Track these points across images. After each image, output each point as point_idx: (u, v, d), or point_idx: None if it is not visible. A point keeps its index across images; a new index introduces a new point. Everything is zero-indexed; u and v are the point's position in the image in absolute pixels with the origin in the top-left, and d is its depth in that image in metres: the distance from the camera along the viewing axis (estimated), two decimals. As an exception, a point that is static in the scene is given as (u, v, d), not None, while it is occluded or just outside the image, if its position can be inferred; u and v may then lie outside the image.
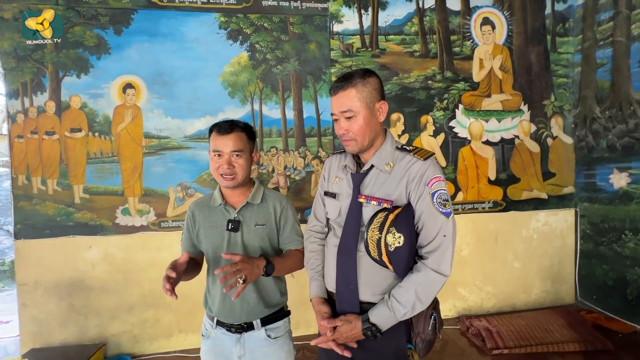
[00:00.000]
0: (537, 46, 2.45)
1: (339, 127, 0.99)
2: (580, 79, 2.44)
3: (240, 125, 1.12)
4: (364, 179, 1.00)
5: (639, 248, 2.09)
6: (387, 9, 2.27)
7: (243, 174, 1.10)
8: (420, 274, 0.90)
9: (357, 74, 0.96)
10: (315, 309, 1.05)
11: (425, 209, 0.92)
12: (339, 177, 1.07)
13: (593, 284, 2.40)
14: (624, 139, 2.18)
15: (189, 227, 1.18)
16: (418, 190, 0.93)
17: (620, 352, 1.88)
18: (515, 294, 2.49)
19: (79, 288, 2.02)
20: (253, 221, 1.12)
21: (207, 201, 1.17)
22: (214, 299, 1.13)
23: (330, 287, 1.06)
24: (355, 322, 0.93)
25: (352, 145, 0.98)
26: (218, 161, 1.08)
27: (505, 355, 1.91)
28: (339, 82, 0.97)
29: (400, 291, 0.91)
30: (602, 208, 2.32)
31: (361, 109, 0.95)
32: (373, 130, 0.98)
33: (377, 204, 0.94)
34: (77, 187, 2.00)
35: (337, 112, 0.98)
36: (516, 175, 2.44)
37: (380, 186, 0.97)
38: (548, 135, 2.48)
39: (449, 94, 2.35)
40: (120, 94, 2.03)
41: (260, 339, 1.12)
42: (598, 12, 2.31)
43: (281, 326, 1.16)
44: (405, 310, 0.90)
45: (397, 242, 0.88)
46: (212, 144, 1.09)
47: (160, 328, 2.11)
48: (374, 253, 0.92)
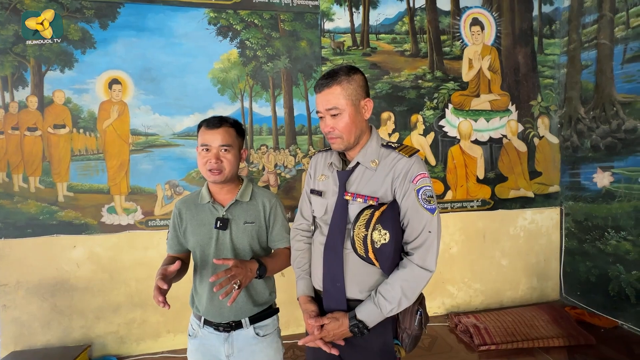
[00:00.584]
0: (524, 47, 2.49)
1: (324, 124, 0.98)
2: (565, 80, 2.49)
3: (230, 121, 1.10)
4: (350, 177, 0.99)
5: (620, 245, 2.15)
6: (378, 8, 2.28)
7: (231, 170, 1.08)
8: (406, 270, 0.91)
9: (341, 71, 0.95)
10: (302, 308, 1.04)
11: (410, 205, 0.92)
12: (325, 174, 1.07)
13: (577, 280, 2.46)
14: (607, 139, 2.23)
15: (176, 225, 1.15)
16: (403, 187, 0.93)
17: (603, 347, 1.94)
18: (502, 291, 2.53)
19: (62, 288, 1.97)
20: (242, 219, 1.11)
21: (195, 199, 1.15)
22: (201, 298, 1.12)
23: (317, 285, 1.05)
24: (342, 319, 0.93)
25: (338, 142, 0.98)
26: (206, 155, 1.06)
27: (492, 351, 1.95)
28: (323, 80, 0.96)
29: (386, 287, 0.91)
30: (586, 206, 2.38)
31: (347, 107, 0.94)
32: (359, 128, 0.97)
33: (363, 201, 0.94)
34: (60, 185, 1.95)
35: (323, 109, 0.97)
36: (504, 174, 2.48)
37: (366, 183, 0.97)
38: (535, 135, 2.52)
39: (439, 93, 2.37)
40: (106, 90, 1.98)
41: (248, 337, 1.11)
42: (583, 15, 2.36)
43: (270, 324, 1.15)
44: (391, 307, 0.90)
45: (383, 238, 0.88)
46: (201, 139, 1.08)
47: (148, 328, 2.07)
48: (361, 250, 0.92)
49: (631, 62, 2.08)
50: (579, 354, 1.90)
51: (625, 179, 2.12)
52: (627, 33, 2.09)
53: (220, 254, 1.08)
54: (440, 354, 1.97)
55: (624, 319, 2.14)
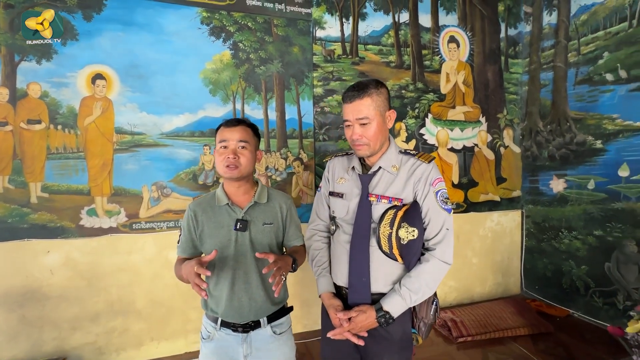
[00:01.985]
0: (493, 65, 2.75)
1: (352, 132, 1.06)
2: (527, 97, 2.79)
3: (247, 121, 1.15)
4: (372, 180, 1.07)
5: (572, 244, 2.46)
6: (366, 20, 2.39)
7: (247, 166, 1.11)
8: (428, 264, 1.01)
9: (371, 84, 1.04)
10: (327, 303, 1.10)
11: (431, 205, 1.03)
12: (344, 178, 1.14)
13: (535, 275, 2.75)
14: (561, 150, 2.54)
15: (191, 228, 1.14)
16: (424, 189, 1.03)
17: (559, 333, 2.19)
18: (472, 287, 2.75)
19: (33, 298, 1.81)
20: (261, 220, 1.14)
21: (210, 201, 1.16)
22: (218, 300, 1.12)
23: (340, 282, 1.11)
24: (369, 311, 1.00)
25: (365, 149, 1.06)
26: (224, 152, 1.09)
27: (469, 342, 2.12)
28: (354, 91, 1.04)
29: (410, 280, 1.01)
30: (543, 209, 2.67)
31: (375, 116, 1.03)
32: (384, 136, 1.07)
33: (388, 202, 1.03)
34: (33, 185, 1.80)
35: (353, 118, 1.04)
36: (475, 180, 2.71)
37: (389, 186, 1.05)
38: (501, 145, 2.79)
39: (420, 103, 2.54)
40: (89, 85, 1.87)
41: (266, 336, 1.14)
42: (542, 40, 2.67)
43: (284, 322, 1.19)
44: (416, 297, 1.00)
45: (411, 235, 0.97)
46: (219, 137, 1.11)
47: (129, 337, 1.97)
48: (385, 247, 1.01)
49: (581, 84, 2.39)
50: (540, 340, 2.13)
51: (576, 185, 2.43)
52: (578, 59, 2.41)
53: (240, 255, 1.10)
54: (422, 347, 2.10)
55: (575, 309, 2.44)
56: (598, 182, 2.28)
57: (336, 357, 1.13)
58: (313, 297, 2.32)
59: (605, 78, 2.23)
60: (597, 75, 2.28)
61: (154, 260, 1.98)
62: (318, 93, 2.28)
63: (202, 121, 2.05)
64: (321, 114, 2.29)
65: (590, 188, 2.32)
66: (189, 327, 2.07)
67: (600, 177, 2.26)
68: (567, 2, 2.46)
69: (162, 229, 1.99)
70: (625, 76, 2.12)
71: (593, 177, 2.31)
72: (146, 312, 1.99)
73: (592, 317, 2.32)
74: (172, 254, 1.98)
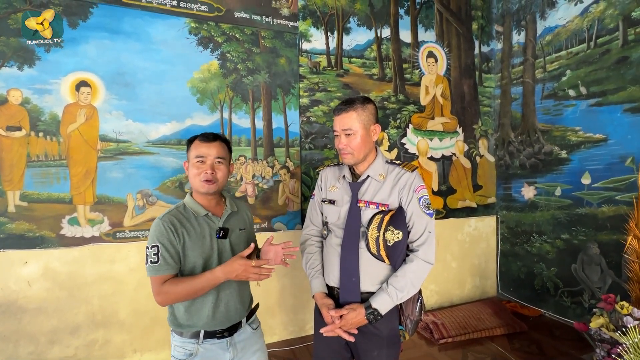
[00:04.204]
0: (468, 79, 2.93)
1: (339, 141, 1.15)
2: (499, 109, 2.98)
3: (222, 137, 1.21)
4: (361, 187, 1.15)
5: (542, 247, 2.62)
6: (350, 34, 2.50)
7: (223, 181, 1.18)
8: (413, 264, 1.10)
9: (358, 100, 1.14)
10: (320, 303, 1.17)
11: (414, 210, 1.12)
12: (336, 186, 1.22)
13: (510, 278, 2.90)
14: (531, 159, 2.72)
15: (174, 243, 1.10)
16: (408, 195, 1.13)
17: (532, 332, 2.33)
18: (452, 290, 2.87)
19: (8, 311, 1.74)
20: (237, 227, 1.22)
21: (184, 213, 1.15)
22: (200, 312, 1.12)
23: (332, 282, 1.19)
24: (359, 309, 1.08)
25: (349, 158, 1.15)
26: (200, 167, 1.13)
27: (449, 343, 2.21)
28: (343, 105, 1.13)
29: (397, 279, 1.09)
30: (516, 215, 2.84)
31: (359, 129, 1.12)
32: (367, 147, 1.16)
33: (376, 207, 1.11)
34: (12, 194, 1.75)
35: (339, 129, 1.13)
36: (453, 187, 2.85)
37: (376, 193, 1.14)
38: (477, 154, 2.95)
39: (401, 114, 2.66)
40: (73, 92, 1.85)
41: (247, 334, 1.21)
42: (512, 57, 2.88)
43: (255, 317, 1.29)
44: (402, 295, 1.08)
45: (397, 237, 1.05)
46: (195, 151, 1.14)
47: (111, 349, 1.92)
48: (373, 249, 1.09)
49: (547, 98, 2.59)
50: (516, 339, 2.25)
51: (545, 192, 2.61)
52: (544, 75, 2.61)
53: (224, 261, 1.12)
54: (406, 350, 2.17)
55: (546, 308, 2.59)
56: (564, 189, 2.46)
57: (328, 353, 1.19)
58: (299, 304, 2.35)
59: (568, 93, 2.43)
60: (561, 91, 2.48)
61: (138, 269, 1.96)
62: (304, 103, 2.35)
63: (190, 129, 2.06)
64: (307, 124, 2.36)
65: (557, 195, 2.50)
66: (174, 337, 2.04)
67: (566, 185, 2.45)
68: (534, 23, 2.67)
69: (147, 237, 1.97)
70: (585, 92, 2.32)
71: (560, 184, 2.49)
72: (129, 322, 1.96)
73: (561, 315, 2.48)
74: (157, 262, 1.96)
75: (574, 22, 2.39)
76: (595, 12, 2.26)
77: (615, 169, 2.15)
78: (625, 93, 2.10)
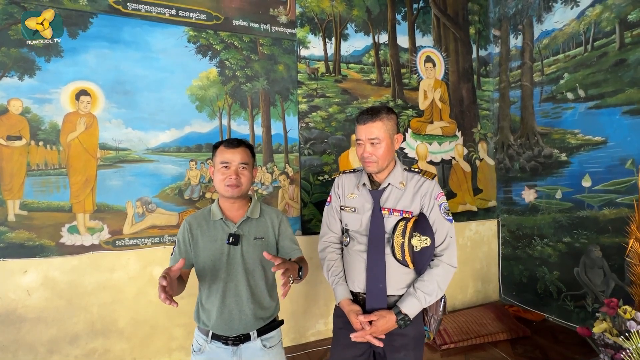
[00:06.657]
0: (467, 83, 2.93)
1: (363, 150, 1.17)
2: (498, 113, 2.98)
3: (246, 142, 1.22)
4: (382, 195, 1.18)
5: (544, 250, 2.60)
6: (348, 40, 2.52)
7: (247, 186, 1.18)
8: (439, 268, 1.13)
9: (383, 109, 1.17)
10: (347, 309, 1.18)
11: (436, 217, 1.15)
12: (354, 193, 1.25)
13: (512, 282, 2.88)
14: (531, 162, 2.72)
15: (186, 241, 1.18)
16: (429, 203, 1.16)
17: (535, 337, 2.30)
18: (454, 295, 2.84)
19: (7, 320, 1.74)
20: (252, 235, 1.18)
21: (205, 215, 1.20)
22: (209, 313, 1.13)
23: (358, 289, 1.20)
24: (389, 316, 1.10)
25: (374, 166, 1.17)
26: (225, 172, 1.15)
27: (452, 349, 2.19)
28: (368, 115, 1.16)
29: (424, 283, 1.12)
30: (517, 218, 2.83)
31: (385, 138, 1.15)
32: (391, 156, 1.19)
33: (399, 214, 1.14)
34: (12, 203, 1.75)
35: (365, 138, 1.16)
36: (453, 191, 2.84)
37: (398, 200, 1.17)
38: (476, 158, 2.95)
39: (400, 119, 2.66)
40: (73, 101, 1.86)
41: (256, 349, 1.16)
42: (510, 61, 2.88)
43: (275, 335, 1.21)
44: (430, 298, 1.11)
45: (424, 243, 1.08)
46: (220, 157, 1.16)
47: (110, 358, 1.91)
48: (399, 255, 1.12)
49: (546, 101, 2.59)
50: (519, 344, 2.22)
51: (545, 195, 2.59)
52: (542, 79, 2.61)
53: (232, 268, 1.13)
54: (408, 356, 2.15)
55: (549, 313, 2.56)
56: (565, 192, 2.45)
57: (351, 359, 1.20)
58: (301, 310, 2.33)
59: (567, 96, 2.43)
60: (559, 94, 2.48)
61: (137, 277, 1.95)
62: (303, 109, 2.36)
63: (189, 137, 2.07)
64: (306, 129, 2.36)
65: (558, 198, 2.49)
66: (173, 345, 2.03)
67: (567, 188, 2.44)
68: (531, 27, 2.68)
69: (147, 245, 1.97)
70: (584, 95, 2.32)
71: (560, 187, 2.48)
72: (129, 331, 1.95)
73: (565, 320, 2.45)
74: (157, 270, 1.95)
75: (571, 25, 2.40)
76: (591, 16, 2.27)
77: (615, 171, 2.14)
78: (624, 95, 2.10)
